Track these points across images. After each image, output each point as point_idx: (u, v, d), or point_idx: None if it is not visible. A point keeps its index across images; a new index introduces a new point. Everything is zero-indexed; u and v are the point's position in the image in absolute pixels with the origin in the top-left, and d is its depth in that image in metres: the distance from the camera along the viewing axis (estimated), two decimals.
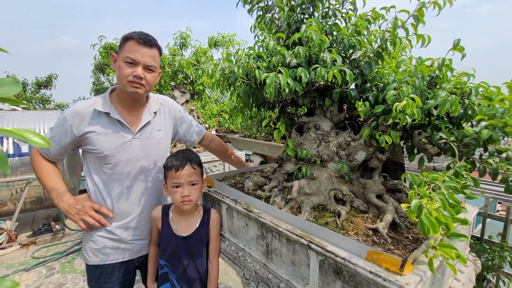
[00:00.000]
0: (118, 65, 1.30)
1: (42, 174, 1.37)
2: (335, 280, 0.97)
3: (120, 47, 1.31)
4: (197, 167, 1.38)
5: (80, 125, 1.31)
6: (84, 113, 1.31)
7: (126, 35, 1.30)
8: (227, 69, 1.16)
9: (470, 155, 0.99)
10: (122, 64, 1.28)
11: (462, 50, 1.01)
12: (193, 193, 1.35)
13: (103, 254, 1.42)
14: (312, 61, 1.10)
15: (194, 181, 1.35)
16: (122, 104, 1.40)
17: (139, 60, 1.28)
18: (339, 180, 1.30)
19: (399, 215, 1.16)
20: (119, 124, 1.38)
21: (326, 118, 1.40)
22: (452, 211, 0.71)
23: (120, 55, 1.29)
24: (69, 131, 1.31)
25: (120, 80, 1.30)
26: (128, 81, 1.29)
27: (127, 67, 1.28)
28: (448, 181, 0.82)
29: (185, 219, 1.43)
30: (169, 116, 1.63)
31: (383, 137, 1.05)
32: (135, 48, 1.27)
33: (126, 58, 1.27)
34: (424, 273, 0.83)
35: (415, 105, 0.94)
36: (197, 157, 1.41)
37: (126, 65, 1.28)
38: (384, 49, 1.09)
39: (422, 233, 0.67)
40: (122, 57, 1.28)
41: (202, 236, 1.42)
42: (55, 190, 1.35)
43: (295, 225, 1.14)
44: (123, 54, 1.28)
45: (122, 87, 1.32)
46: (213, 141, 1.88)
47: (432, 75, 1.12)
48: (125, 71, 1.28)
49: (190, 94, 3.16)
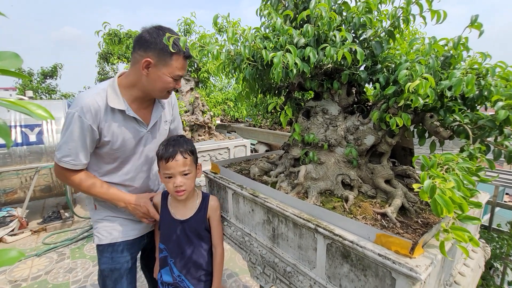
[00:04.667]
0: (161, 77, 1.27)
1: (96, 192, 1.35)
2: (342, 263, 0.96)
3: (164, 58, 1.25)
4: (189, 156, 1.33)
5: (95, 120, 1.26)
6: (96, 109, 1.25)
7: (175, 50, 1.22)
8: (232, 51, 1.13)
9: (485, 137, 0.96)
10: (169, 79, 1.29)
11: (480, 27, 0.96)
12: (186, 182, 1.32)
13: (117, 232, 1.46)
14: (321, 41, 1.06)
15: (186, 171, 1.31)
16: (137, 99, 1.37)
17: (182, 75, 1.35)
18: (346, 165, 1.28)
19: (408, 200, 1.14)
20: (134, 120, 1.38)
21: (334, 102, 1.37)
22: (467, 191, 0.68)
23: (166, 69, 1.26)
24: (90, 130, 1.25)
25: (160, 90, 1.31)
26: (168, 92, 1.36)
27: (173, 82, 1.32)
28: (462, 163, 0.79)
29: (183, 204, 1.43)
30: (172, 107, 1.66)
31: (393, 120, 1.02)
32: (183, 64, 1.31)
33: (176, 75, 1.30)
34: (434, 256, 0.81)
35: (429, 85, 0.90)
36: (189, 144, 1.37)
37: (172, 80, 1.31)
38: (396, 27, 1.05)
39: (435, 214, 0.65)
40: (169, 72, 1.27)
41: (200, 221, 1.42)
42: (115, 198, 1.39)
43: (302, 209, 1.13)
44: (172, 70, 1.27)
45: (157, 94, 1.35)
46: None
47: (446, 54, 1.07)
48: (170, 85, 1.31)
49: (195, 82, 3.13)
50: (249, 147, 3.04)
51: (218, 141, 2.92)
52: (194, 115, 2.90)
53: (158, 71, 1.26)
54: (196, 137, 2.96)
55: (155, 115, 1.47)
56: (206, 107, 3.00)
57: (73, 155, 1.26)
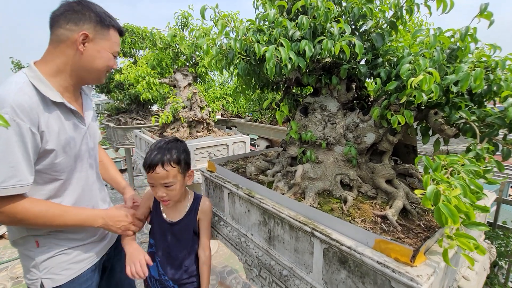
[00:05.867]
0: (100, 52, 1.11)
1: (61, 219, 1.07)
2: (339, 269, 0.91)
3: (102, 31, 1.10)
4: (172, 167, 1.20)
5: (34, 121, 0.97)
6: (30, 106, 0.95)
7: (108, 22, 1.12)
8: (225, 45, 1.07)
9: (493, 136, 0.89)
10: (109, 55, 1.14)
11: (489, 17, 0.89)
12: (168, 193, 1.22)
13: (78, 263, 1.19)
14: (317, 33, 0.99)
15: (168, 183, 1.20)
16: (67, 90, 1.14)
17: (118, 51, 1.23)
18: (346, 164, 1.22)
19: (410, 201, 1.09)
20: (72, 114, 1.14)
21: (332, 98, 1.30)
22: (474, 197, 0.63)
23: (106, 43, 1.12)
24: (31, 135, 0.95)
25: (100, 69, 1.15)
26: (107, 71, 1.20)
27: (113, 60, 1.17)
28: (468, 165, 0.73)
29: (174, 204, 1.36)
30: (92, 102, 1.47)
31: (395, 117, 0.96)
32: (118, 41, 1.19)
33: (115, 52, 1.17)
34: (437, 264, 0.76)
35: (433, 80, 0.83)
36: (175, 153, 1.21)
37: (112, 57, 1.17)
38: (399, 17, 0.97)
39: (439, 223, 0.60)
40: (109, 46, 1.13)
41: (189, 224, 1.35)
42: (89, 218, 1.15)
43: (298, 211, 1.08)
44: (111, 44, 1.14)
45: (94, 77, 1.16)
46: (101, 154, 1.55)
47: (452, 47, 1.00)
48: (111, 62, 1.17)
49: (193, 77, 3.06)
50: (249, 143, 2.99)
51: (217, 137, 2.87)
52: (192, 111, 2.85)
53: (97, 45, 1.09)
54: (194, 133, 2.91)
55: (87, 108, 1.27)
56: (204, 103, 2.94)
57: (18, 174, 0.93)
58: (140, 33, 3.07)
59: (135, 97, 5.44)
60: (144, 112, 5.72)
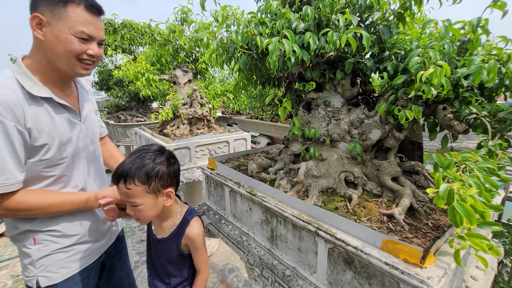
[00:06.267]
0: (58, 36, 0.95)
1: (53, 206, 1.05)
2: (345, 270, 0.88)
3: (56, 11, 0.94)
4: (136, 186, 0.98)
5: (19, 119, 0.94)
6: (14, 102, 0.92)
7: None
8: (225, 38, 1.03)
9: (506, 131, 0.86)
10: (70, 37, 0.96)
11: (503, 7, 0.84)
12: (136, 213, 1.03)
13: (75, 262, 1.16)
14: (322, 25, 0.95)
15: (132, 202, 1.01)
16: (53, 82, 1.06)
17: (95, 35, 1.01)
18: (350, 161, 1.19)
19: (417, 199, 1.06)
20: (63, 109, 1.08)
21: (337, 94, 1.27)
22: (489, 196, 0.59)
23: (62, 23, 0.95)
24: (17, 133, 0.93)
25: (65, 56, 0.98)
26: (80, 59, 1.00)
27: (80, 43, 0.98)
28: (481, 162, 0.70)
29: (159, 221, 1.19)
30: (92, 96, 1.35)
31: (403, 113, 0.92)
32: (88, 19, 0.98)
33: (79, 32, 0.96)
34: (448, 265, 0.73)
35: (444, 74, 0.79)
36: (145, 170, 1.00)
37: (78, 40, 0.97)
38: (407, 8, 0.93)
39: (453, 223, 0.56)
40: (68, 27, 0.95)
41: (172, 246, 1.17)
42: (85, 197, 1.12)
43: (301, 210, 1.05)
44: (71, 24, 0.95)
45: (67, 66, 1.01)
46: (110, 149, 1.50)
47: (463, 39, 0.96)
48: (75, 46, 0.97)
49: (193, 73, 3.01)
50: (250, 140, 2.96)
51: (218, 134, 2.84)
52: (192, 107, 2.81)
53: (54, 29, 0.95)
54: (195, 130, 2.87)
55: (83, 102, 1.18)
56: (204, 100, 2.90)
57: (5, 173, 0.92)
58: (139, 29, 3.02)
59: (135, 94, 5.39)
60: (144, 109, 5.68)
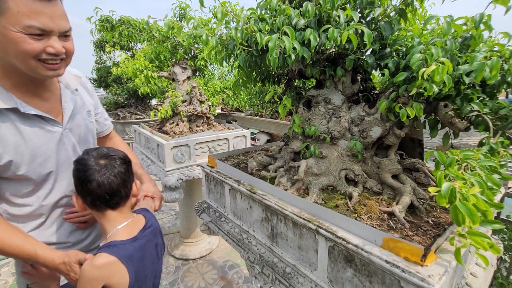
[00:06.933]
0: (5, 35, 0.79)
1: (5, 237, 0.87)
2: (345, 267, 0.88)
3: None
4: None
5: None
6: None
7: None
8: (225, 35, 1.02)
9: (508, 129, 0.85)
10: (18, 35, 0.78)
11: (506, 3, 0.83)
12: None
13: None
14: (322, 22, 0.94)
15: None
16: (23, 86, 0.91)
17: (51, 27, 0.81)
18: (351, 159, 1.19)
19: (418, 197, 1.06)
20: (37, 119, 0.94)
21: (337, 91, 1.26)
22: (491, 195, 0.59)
23: (6, 20, 0.77)
24: None
25: (21, 59, 0.82)
26: (40, 59, 0.84)
27: (32, 41, 0.80)
28: (483, 160, 0.69)
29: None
30: (90, 93, 1.22)
31: (404, 110, 0.92)
32: (34, 8, 0.78)
33: (27, 28, 0.78)
34: (448, 263, 0.73)
35: (446, 71, 0.79)
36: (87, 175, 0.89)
37: (29, 38, 0.79)
38: (409, 4, 0.92)
39: (455, 222, 0.56)
40: (13, 22, 0.77)
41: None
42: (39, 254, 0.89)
43: (302, 208, 1.05)
44: (15, 19, 0.77)
45: (26, 69, 0.85)
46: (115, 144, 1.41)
47: (465, 35, 0.95)
48: (28, 47, 0.80)
49: (192, 70, 2.99)
50: (249, 137, 2.95)
51: (217, 132, 2.83)
52: (191, 105, 2.80)
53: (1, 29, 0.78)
54: (194, 128, 2.86)
55: (67, 105, 1.03)
56: (204, 97, 2.89)
57: None
58: (137, 25, 2.99)
59: (134, 91, 5.37)
60: (143, 107, 5.66)
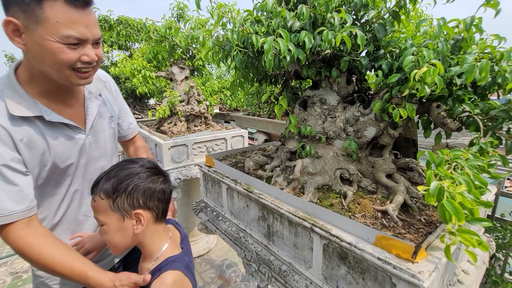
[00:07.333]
0: (41, 45, 0.77)
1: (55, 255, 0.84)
2: (339, 265, 0.90)
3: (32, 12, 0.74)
4: (101, 199, 0.81)
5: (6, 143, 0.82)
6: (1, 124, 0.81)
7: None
8: (221, 36, 1.03)
9: (497, 129, 0.87)
10: (55, 45, 0.77)
11: (496, 6, 0.85)
12: (103, 235, 0.84)
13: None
14: (317, 24, 0.96)
15: (97, 220, 0.84)
16: (50, 93, 0.91)
17: (87, 36, 0.81)
18: (346, 158, 1.21)
19: (411, 195, 1.08)
20: (62, 126, 0.94)
21: (332, 91, 1.28)
22: (478, 194, 0.61)
23: (42, 29, 0.75)
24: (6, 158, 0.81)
25: (57, 69, 0.82)
26: (74, 68, 0.84)
27: (69, 50, 0.79)
28: (472, 160, 0.71)
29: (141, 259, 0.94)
30: (113, 97, 1.19)
31: (397, 111, 0.94)
32: (72, 16, 0.77)
33: (65, 37, 0.77)
34: (439, 260, 0.75)
35: (437, 72, 0.81)
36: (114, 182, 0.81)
37: (67, 47, 0.79)
38: (402, 7, 0.94)
39: (443, 220, 0.58)
40: (50, 32, 0.76)
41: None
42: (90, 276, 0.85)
43: (297, 206, 1.07)
44: (53, 29, 0.76)
45: (60, 78, 0.85)
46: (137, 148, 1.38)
47: (457, 37, 0.97)
48: (66, 57, 0.79)
49: (190, 70, 3.00)
50: (247, 137, 2.97)
51: (215, 131, 2.84)
52: (189, 105, 2.81)
53: (34, 35, 0.76)
54: (192, 127, 2.87)
55: (90, 111, 1.03)
56: (202, 97, 2.90)
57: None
58: (135, 25, 3.00)
59: (132, 91, 5.36)
60: (141, 106, 5.65)
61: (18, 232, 0.83)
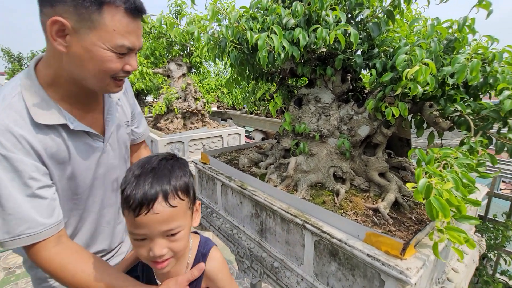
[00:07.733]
0: (90, 51, 0.72)
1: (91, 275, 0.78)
2: (330, 261, 0.91)
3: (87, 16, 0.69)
4: (181, 199, 0.71)
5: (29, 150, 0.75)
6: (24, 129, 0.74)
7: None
8: (217, 32, 1.03)
9: (488, 129, 0.88)
10: (106, 53, 0.74)
11: (488, 7, 0.86)
12: (173, 247, 0.71)
13: None
14: (312, 21, 0.96)
15: (173, 230, 0.69)
16: (74, 98, 0.85)
17: (136, 46, 0.79)
18: (339, 156, 1.21)
19: (403, 194, 1.09)
20: (83, 134, 0.88)
21: (327, 90, 1.28)
22: (465, 191, 0.62)
23: (96, 34, 0.71)
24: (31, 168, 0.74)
25: (99, 77, 0.78)
26: (114, 77, 0.80)
27: (118, 59, 0.77)
28: (461, 158, 0.72)
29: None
30: (128, 100, 1.12)
31: (389, 109, 0.94)
32: (129, 26, 0.75)
33: (119, 47, 0.74)
34: (427, 257, 0.76)
35: (429, 72, 0.81)
36: (181, 176, 0.73)
37: (116, 56, 0.76)
38: (396, 6, 0.95)
39: (430, 217, 0.59)
40: (104, 39, 0.72)
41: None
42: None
43: (290, 203, 1.07)
44: (108, 36, 0.72)
45: (98, 86, 0.81)
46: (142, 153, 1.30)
47: (450, 38, 0.97)
48: (114, 66, 0.76)
49: (187, 67, 3.00)
50: (243, 135, 2.97)
51: (212, 129, 2.84)
52: (186, 102, 2.80)
53: (83, 40, 0.71)
54: (188, 125, 2.87)
55: (110, 117, 0.96)
56: (199, 94, 2.90)
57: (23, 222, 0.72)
58: None
59: None
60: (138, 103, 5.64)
61: (50, 252, 0.76)
